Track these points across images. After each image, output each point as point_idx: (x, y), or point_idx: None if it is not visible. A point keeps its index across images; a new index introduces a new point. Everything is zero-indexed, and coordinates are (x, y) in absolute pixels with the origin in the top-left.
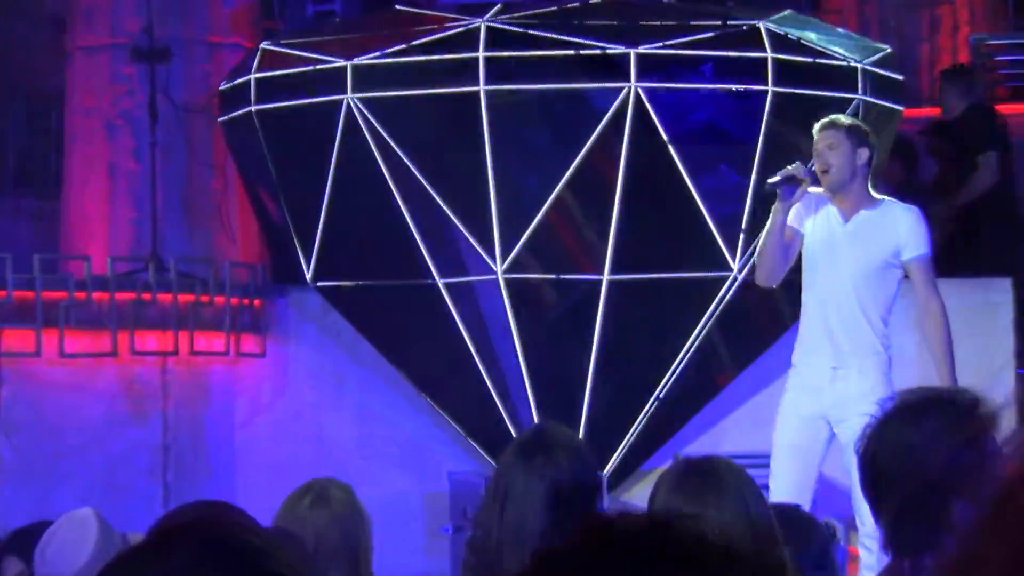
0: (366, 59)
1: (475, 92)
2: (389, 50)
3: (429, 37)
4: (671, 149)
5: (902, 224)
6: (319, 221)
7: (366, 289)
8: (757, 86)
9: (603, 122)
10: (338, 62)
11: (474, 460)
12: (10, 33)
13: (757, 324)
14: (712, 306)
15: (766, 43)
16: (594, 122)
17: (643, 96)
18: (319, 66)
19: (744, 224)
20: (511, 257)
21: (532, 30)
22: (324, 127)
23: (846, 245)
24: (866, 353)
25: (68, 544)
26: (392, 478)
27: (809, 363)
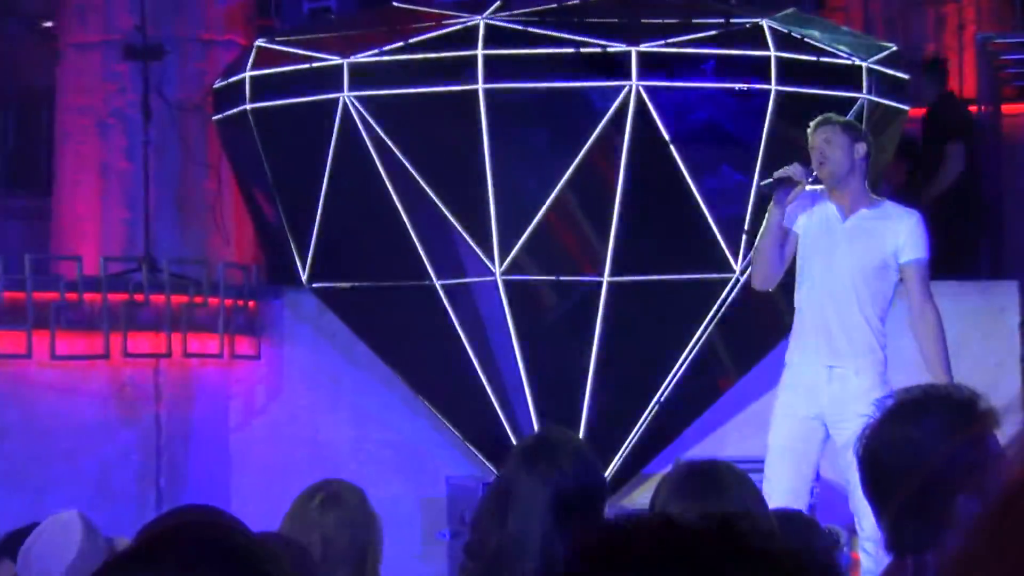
0: (363, 57)
1: (473, 91)
2: (386, 48)
3: (427, 35)
4: (672, 149)
5: (903, 226)
6: (315, 221)
7: (362, 290)
8: (760, 85)
9: (603, 121)
10: (334, 60)
11: (472, 464)
12: (1, 31)
13: (759, 327)
14: (713, 308)
15: (769, 41)
16: (594, 121)
17: (644, 95)
18: (315, 64)
19: (746, 225)
20: (510, 258)
21: (531, 28)
22: (320, 126)
23: (845, 242)
24: (863, 352)
25: (52, 546)
26: (389, 482)
27: (804, 361)
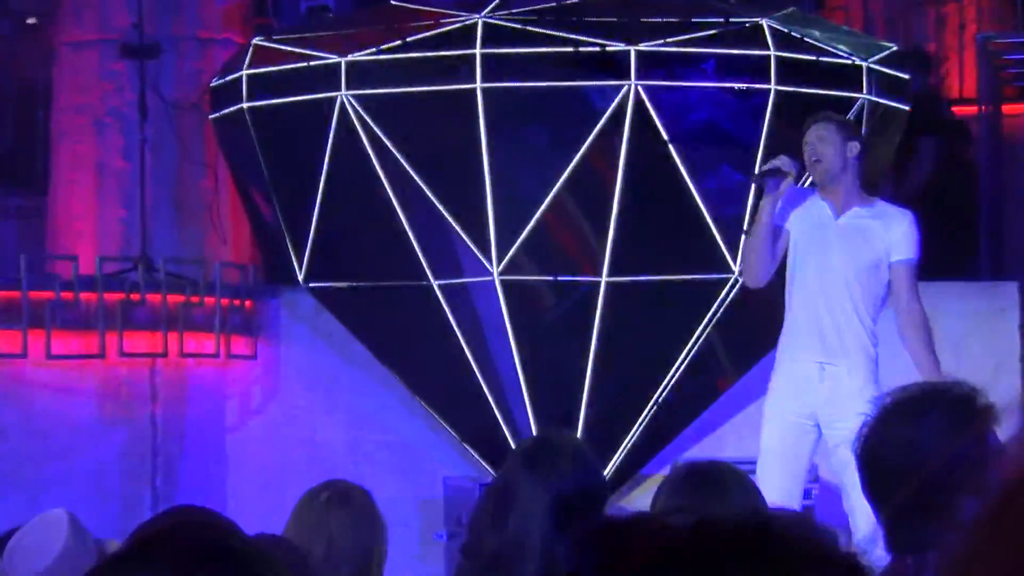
0: (360, 56)
1: (472, 90)
2: (384, 46)
3: (425, 34)
4: (671, 149)
5: (896, 225)
6: (312, 221)
7: (360, 290)
8: (760, 85)
9: (602, 121)
10: (332, 59)
11: (469, 465)
12: None
13: (758, 327)
14: (712, 309)
15: (769, 41)
16: (593, 121)
17: (643, 95)
18: (312, 63)
19: (745, 225)
20: (507, 258)
21: (530, 27)
22: (317, 125)
23: (838, 240)
24: (855, 350)
25: (36, 544)
26: (386, 483)
27: (795, 359)
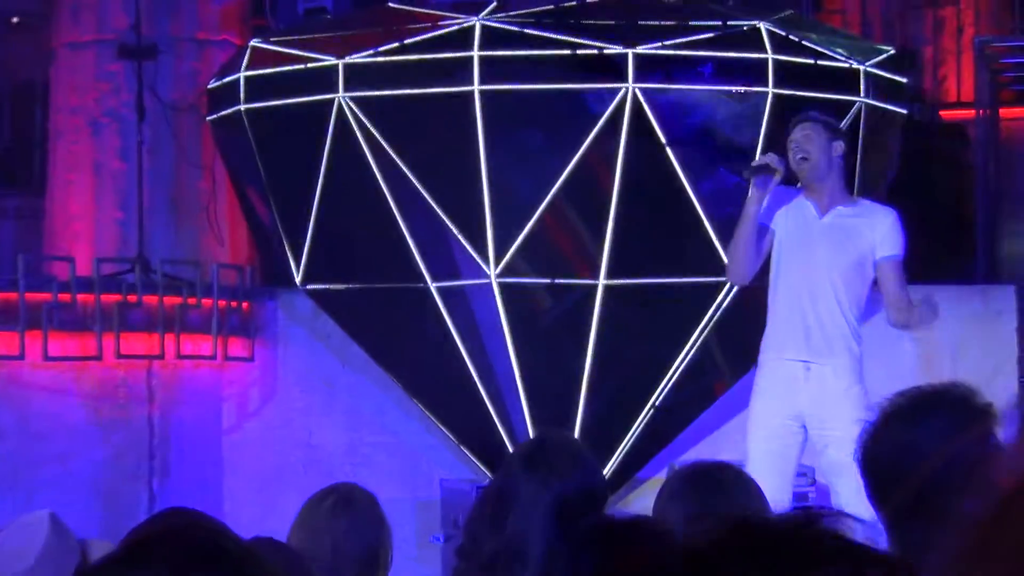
0: (358, 58)
1: (469, 92)
2: (381, 48)
3: (422, 36)
4: (669, 151)
5: (880, 223)
6: (309, 222)
7: (357, 292)
8: (757, 88)
9: (600, 123)
10: (329, 60)
11: (466, 467)
12: None
13: (755, 331)
14: (710, 312)
15: (767, 44)
16: (591, 123)
17: (641, 97)
18: (310, 64)
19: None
20: (505, 261)
21: (528, 29)
22: (315, 127)
23: (823, 239)
24: (840, 351)
25: (17, 546)
26: (383, 485)
27: (780, 358)
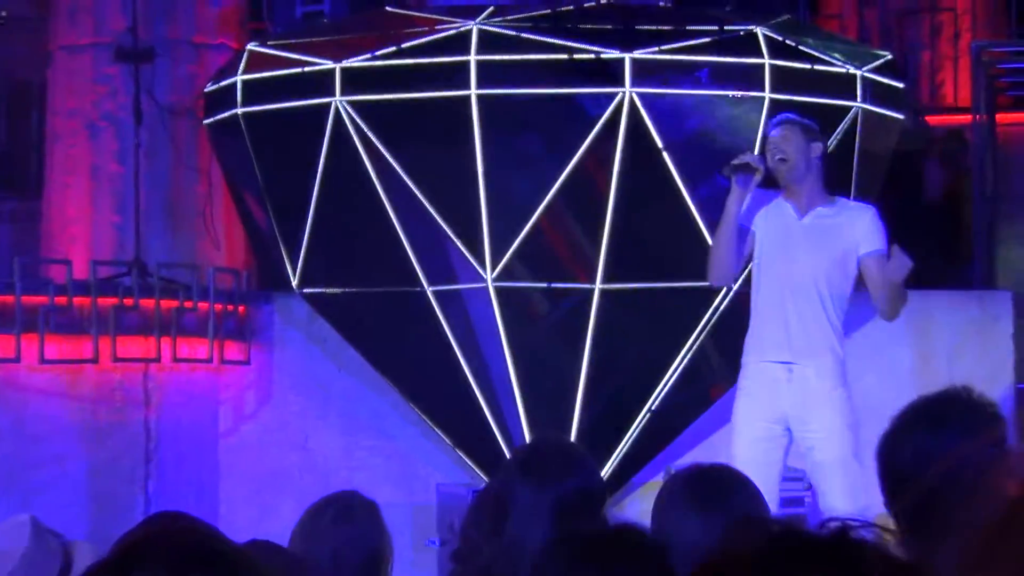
0: (355, 61)
1: (466, 96)
2: (379, 52)
3: (420, 40)
4: (666, 156)
5: (860, 220)
6: (306, 226)
7: (353, 296)
8: (754, 93)
9: (596, 128)
10: (326, 64)
11: (462, 471)
12: None
13: None
14: (706, 316)
15: (763, 49)
16: (587, 128)
17: (638, 102)
18: (307, 68)
19: None
20: (501, 265)
21: (525, 33)
22: (312, 130)
23: (803, 239)
24: (823, 351)
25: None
26: (378, 489)
27: (762, 360)
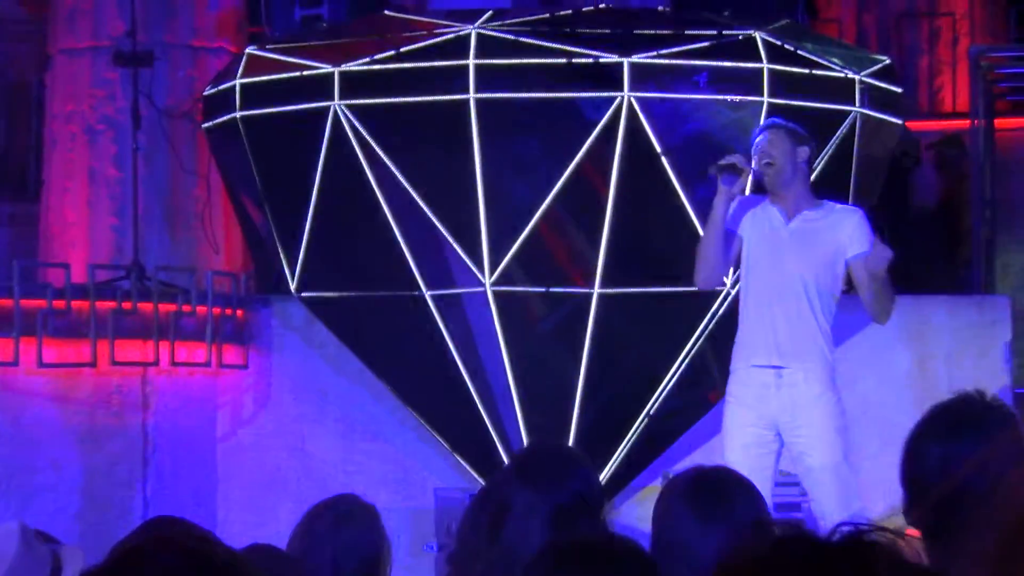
0: (354, 65)
1: (465, 100)
2: (377, 56)
3: (418, 44)
4: (664, 160)
5: (847, 223)
6: (304, 230)
7: (351, 300)
8: (753, 97)
9: (595, 132)
10: (325, 68)
11: (461, 476)
12: None
13: None
14: (704, 321)
15: (762, 54)
16: (586, 132)
17: (636, 106)
18: (306, 72)
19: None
20: (500, 269)
21: (523, 38)
22: (310, 134)
23: (790, 243)
24: (812, 355)
25: None
26: (376, 494)
27: (751, 364)
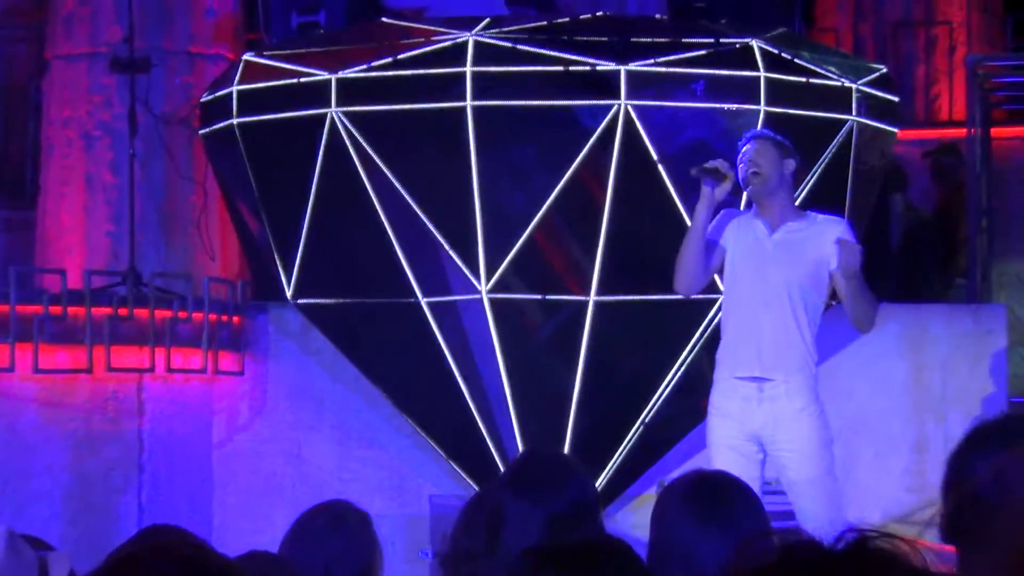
0: (351, 72)
1: (462, 108)
2: (375, 63)
3: (416, 51)
4: (661, 168)
5: (831, 233)
6: (300, 237)
7: (347, 307)
8: (750, 105)
9: (592, 140)
10: (322, 75)
11: (456, 483)
12: None
13: None
14: (700, 329)
15: (759, 62)
16: (583, 140)
17: (633, 114)
18: (303, 79)
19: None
20: (496, 276)
21: (521, 45)
22: (307, 141)
23: (774, 254)
24: (795, 370)
25: None
26: (372, 501)
27: (733, 377)
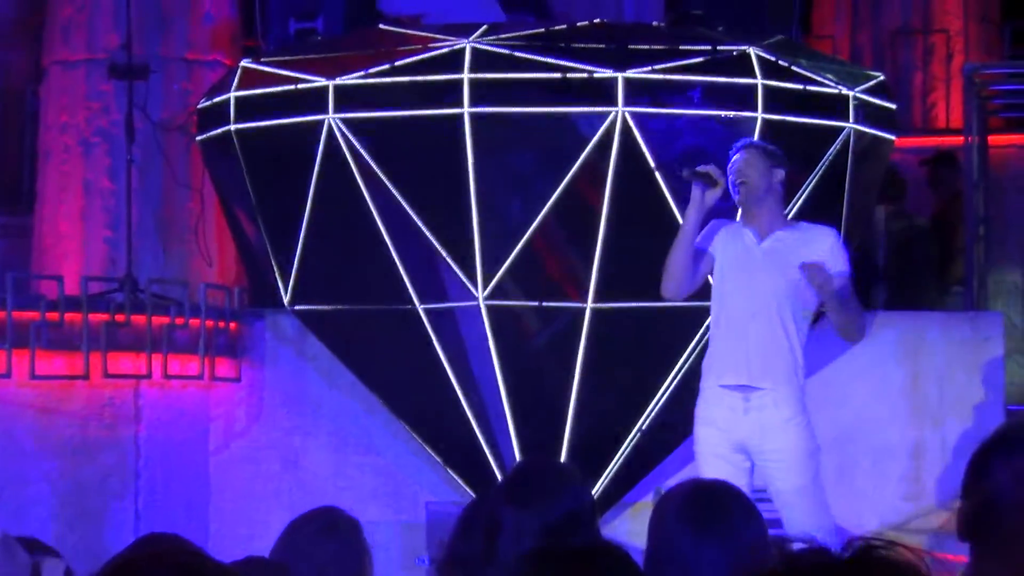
0: (348, 79)
1: (459, 114)
2: (372, 70)
3: (413, 58)
4: (658, 175)
5: (821, 243)
6: (297, 243)
7: (344, 313)
8: (747, 113)
9: (589, 147)
10: (320, 81)
11: (453, 490)
12: None
13: None
14: (697, 336)
15: (756, 69)
16: (580, 147)
17: (630, 121)
18: (300, 85)
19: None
20: (493, 283)
21: (518, 52)
22: (304, 147)
23: (763, 263)
24: (783, 380)
25: None
26: (368, 507)
27: (720, 383)
